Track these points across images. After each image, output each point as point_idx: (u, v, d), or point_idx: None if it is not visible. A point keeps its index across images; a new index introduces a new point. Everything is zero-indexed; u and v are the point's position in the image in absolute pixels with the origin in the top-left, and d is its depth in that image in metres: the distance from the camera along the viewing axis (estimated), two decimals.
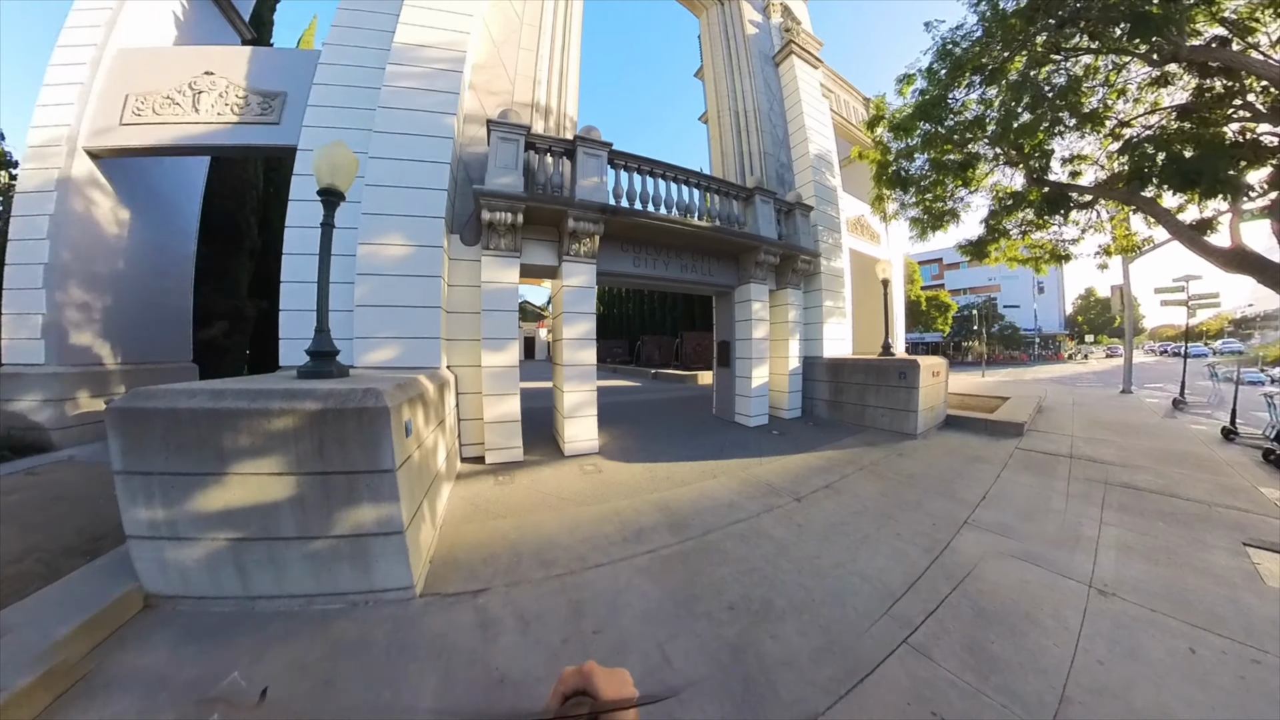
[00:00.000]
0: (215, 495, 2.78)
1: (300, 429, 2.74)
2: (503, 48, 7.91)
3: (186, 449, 2.73)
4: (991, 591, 3.23)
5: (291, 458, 2.76)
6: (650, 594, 3.17)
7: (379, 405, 2.83)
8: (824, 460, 6.55)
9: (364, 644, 2.64)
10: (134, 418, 2.72)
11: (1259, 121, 6.09)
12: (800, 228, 9.96)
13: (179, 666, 2.43)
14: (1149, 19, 5.38)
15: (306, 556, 2.89)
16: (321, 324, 3.63)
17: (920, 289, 44.30)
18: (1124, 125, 7.32)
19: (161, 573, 2.87)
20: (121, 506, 2.84)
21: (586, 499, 4.99)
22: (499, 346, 6.41)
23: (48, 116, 7.41)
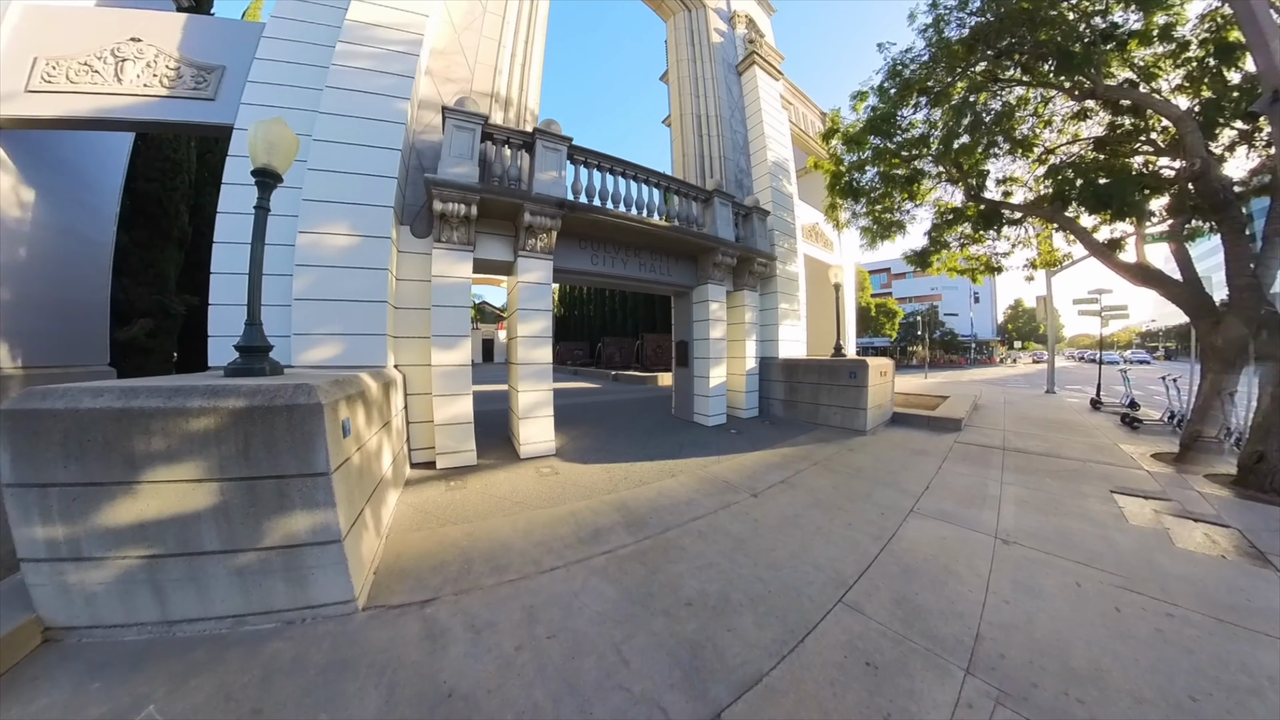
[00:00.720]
0: (126, 508, 2.47)
1: (223, 430, 2.48)
2: (464, 34, 7.63)
3: (91, 456, 2.42)
4: (921, 555, 3.69)
5: (213, 462, 2.50)
6: (606, 594, 3.11)
7: (311, 402, 2.59)
8: (780, 457, 6.72)
9: (299, 665, 2.42)
10: (28, 421, 2.37)
11: (1159, 155, 6.91)
12: (757, 231, 10.18)
13: (82, 706, 2.15)
14: (1072, 57, 6.12)
15: (233, 572, 2.63)
16: (253, 317, 3.32)
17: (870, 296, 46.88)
18: (1050, 152, 8.11)
19: (63, 600, 2.51)
20: (12, 525, 2.46)
21: (542, 502, 4.86)
22: (450, 344, 6.10)
23: None
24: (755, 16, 13.66)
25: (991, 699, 2.21)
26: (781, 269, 11.06)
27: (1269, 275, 5.62)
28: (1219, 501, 5.00)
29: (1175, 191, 6.35)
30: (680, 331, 10.22)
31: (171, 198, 10.59)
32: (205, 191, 11.55)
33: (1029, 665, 2.44)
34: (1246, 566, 3.56)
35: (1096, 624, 2.80)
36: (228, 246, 5.59)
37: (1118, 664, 2.48)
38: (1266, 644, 2.63)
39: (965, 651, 2.53)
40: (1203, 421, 6.07)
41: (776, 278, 10.90)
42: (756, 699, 2.22)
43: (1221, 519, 4.50)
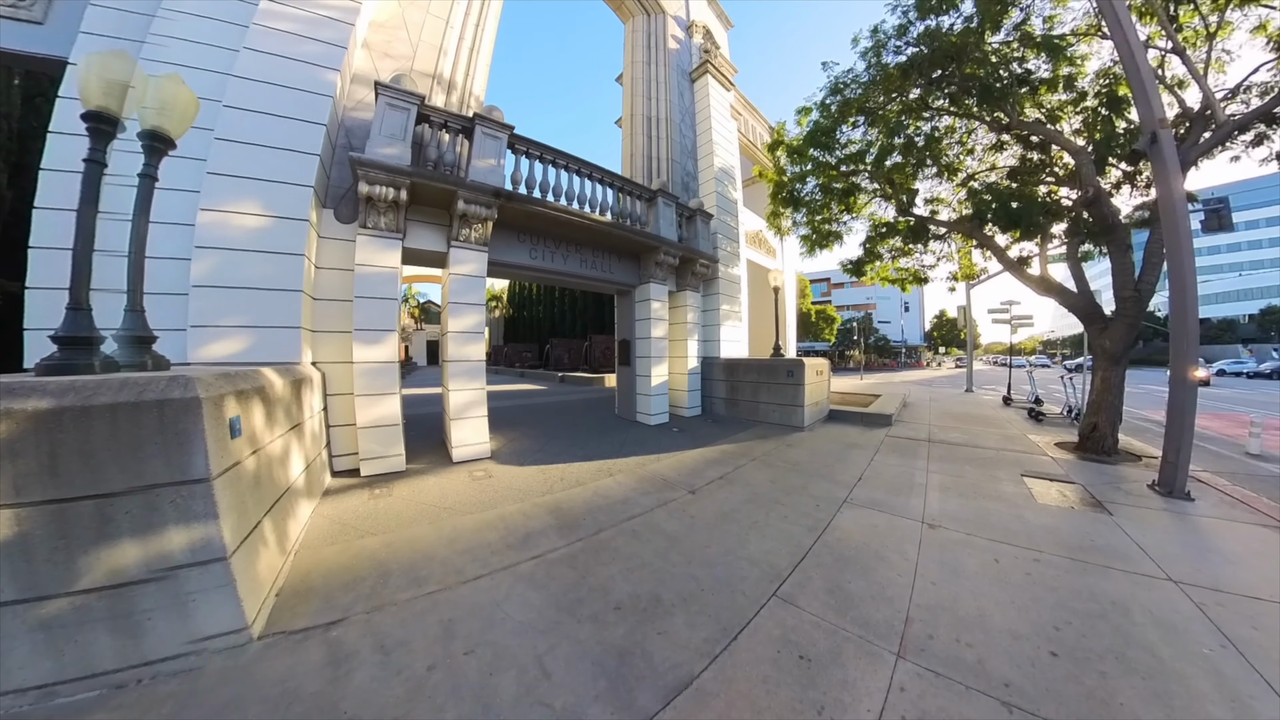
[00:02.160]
0: None
1: (31, 438, 1.94)
2: (409, 9, 7.16)
3: None
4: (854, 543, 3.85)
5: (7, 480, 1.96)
6: (532, 602, 2.95)
7: (188, 396, 2.21)
8: (719, 454, 6.81)
9: (181, 710, 2.07)
10: None
11: (1060, 185, 7.85)
12: (701, 233, 10.31)
13: None
14: (992, 91, 6.84)
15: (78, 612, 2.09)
16: (134, 303, 2.84)
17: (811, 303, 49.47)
18: (971, 177, 8.92)
19: None
20: None
21: (471, 507, 4.60)
22: (375, 339, 5.61)
23: None
24: (713, 28, 13.99)
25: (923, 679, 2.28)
26: (724, 271, 11.28)
27: (1148, 289, 6.54)
28: (1068, 464, 6.37)
29: (1072, 216, 7.21)
30: (623, 330, 10.16)
31: None
32: (23, 145, 8.31)
33: (956, 642, 2.55)
34: (1090, 514, 4.50)
35: (1013, 593, 3.06)
36: (53, 214, 4.48)
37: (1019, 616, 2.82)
38: None
39: (896, 636, 2.59)
40: (1098, 413, 6.76)
41: (719, 279, 11.10)
42: (686, 704, 2.14)
43: (1070, 477, 5.68)
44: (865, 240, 9.93)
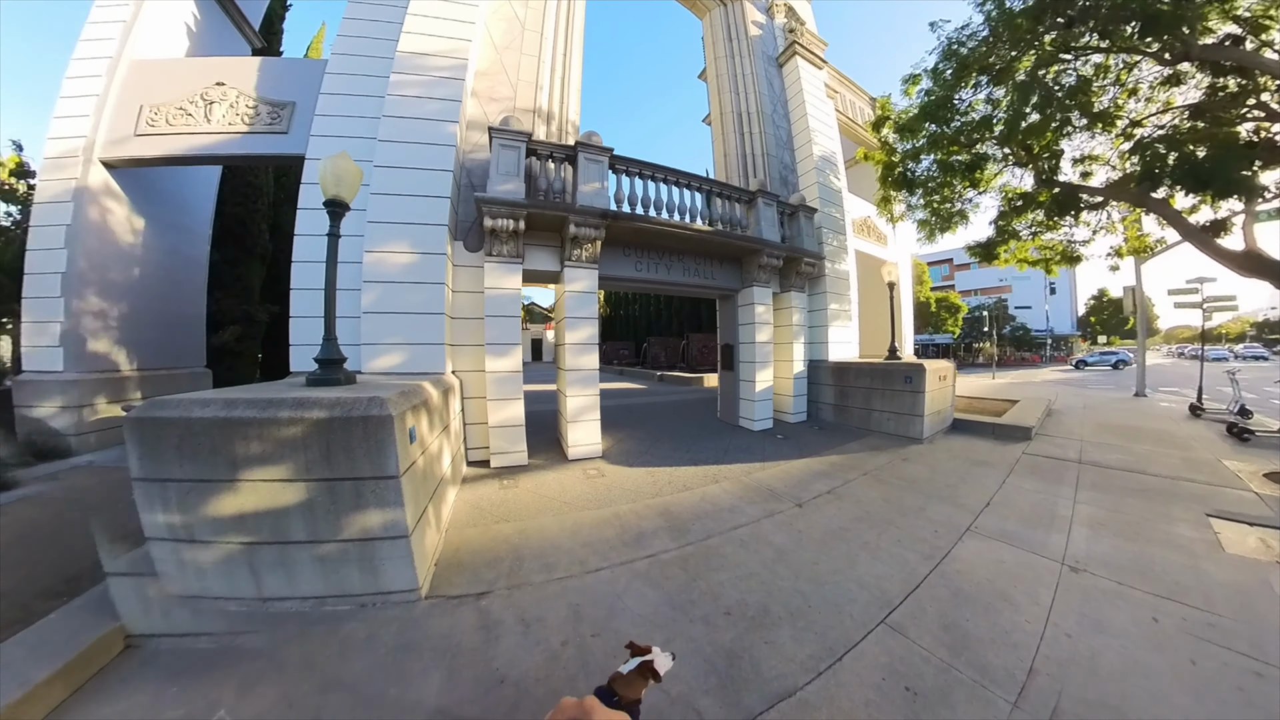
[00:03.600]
0: (229, 501, 2.90)
1: (308, 437, 2.86)
2: (505, 54, 8.02)
3: (201, 457, 2.85)
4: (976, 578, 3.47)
5: (300, 465, 2.87)
6: (648, 598, 3.25)
7: (383, 414, 2.93)
8: (827, 465, 6.59)
9: (372, 644, 2.76)
10: (150, 427, 2.85)
11: (1274, 121, 6.00)
12: (804, 230, 10.00)
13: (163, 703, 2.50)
14: (1159, 17, 5.38)
15: (316, 560, 3.00)
16: (329, 332, 3.76)
17: (930, 290, 43.71)
18: (1135, 125, 7.24)
19: (181, 574, 3.00)
20: (140, 511, 2.98)
21: (589, 503, 5.08)
22: (502, 352, 6.49)
23: (64, 128, 7.58)
24: (794, 3, 13.21)
25: None
26: (831, 268, 10.79)
27: None
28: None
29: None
30: (725, 335, 10.21)
31: (254, 219, 11.93)
32: (282, 211, 12.82)
33: (1086, 705, 2.31)
34: None
35: (1174, 661, 2.59)
36: (305, 265, 6.30)
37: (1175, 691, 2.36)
38: None
39: (1015, 685, 2.42)
40: None
41: (825, 277, 10.65)
42: (790, 709, 2.30)
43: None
44: (996, 218, 8.74)
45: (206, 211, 10.48)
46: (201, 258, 10.34)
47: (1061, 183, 7.77)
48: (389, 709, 2.31)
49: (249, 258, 11.81)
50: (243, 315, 11.37)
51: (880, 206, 11.24)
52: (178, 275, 9.59)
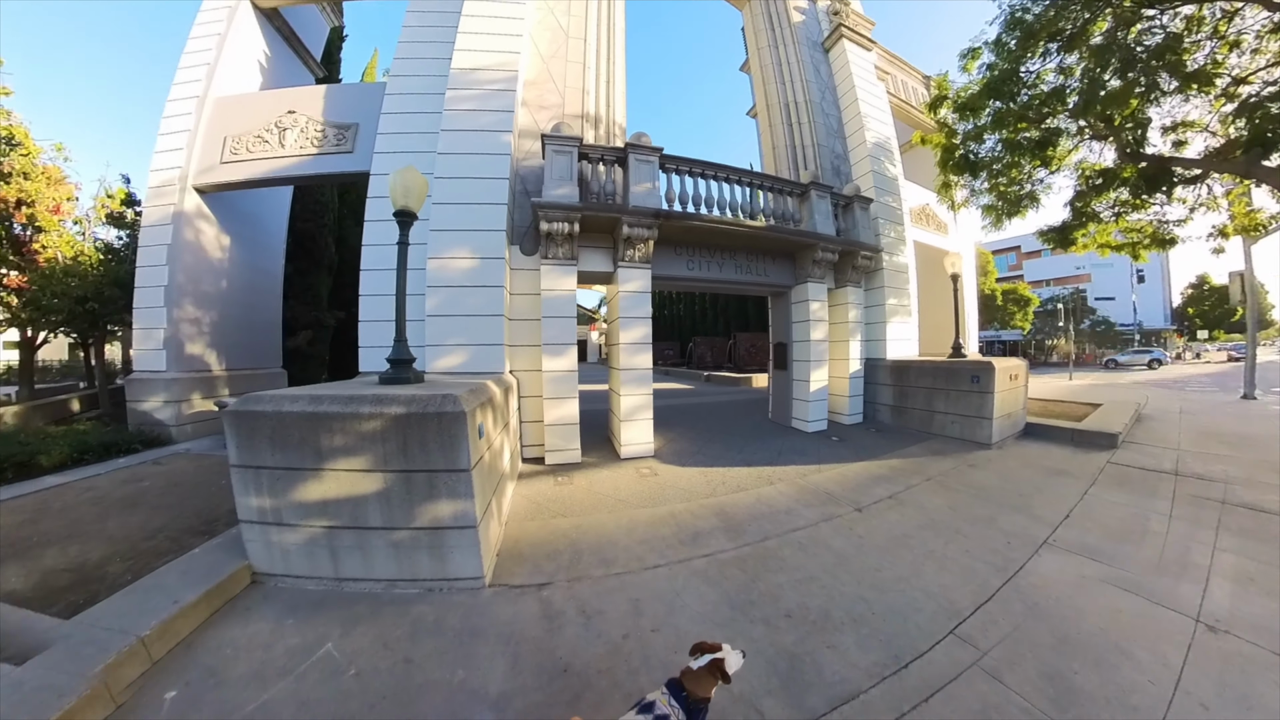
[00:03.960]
0: (314, 488, 3.17)
1: (386, 431, 3.08)
2: (551, 62, 8.26)
3: (290, 447, 3.13)
4: (1075, 618, 3.02)
5: (379, 456, 3.10)
6: (707, 596, 3.27)
7: (456, 410, 3.12)
8: (887, 469, 6.33)
9: (440, 627, 2.91)
10: (247, 419, 3.18)
11: None
12: (859, 222, 9.63)
13: (282, 635, 2.85)
14: None
15: (390, 545, 3.22)
16: (400, 334, 4.03)
17: (995, 281, 40.39)
18: (1239, 83, 6.47)
19: (268, 553, 3.31)
20: (235, 494, 3.31)
21: (643, 501, 5.14)
22: (559, 352, 6.69)
23: (163, 161, 8.61)
24: None
25: None
26: (888, 260, 10.31)
27: None
28: None
29: None
30: (778, 333, 9.99)
31: (322, 233, 12.93)
32: (345, 225, 13.89)
33: None
34: None
35: None
36: (372, 273, 6.79)
37: None
38: None
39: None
40: None
41: (883, 271, 10.19)
42: (852, 712, 2.27)
43: None
44: (1073, 198, 8.07)
45: (281, 228, 11.45)
46: (277, 270, 11.29)
47: (1149, 155, 7.08)
48: (457, 690, 2.43)
49: (318, 268, 12.77)
50: (313, 321, 12.32)
51: (940, 193, 10.65)
52: (257, 285, 10.51)
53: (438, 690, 2.42)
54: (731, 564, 3.72)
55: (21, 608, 2.95)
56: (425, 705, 2.33)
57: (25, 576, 3.44)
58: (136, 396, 8.30)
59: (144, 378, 8.29)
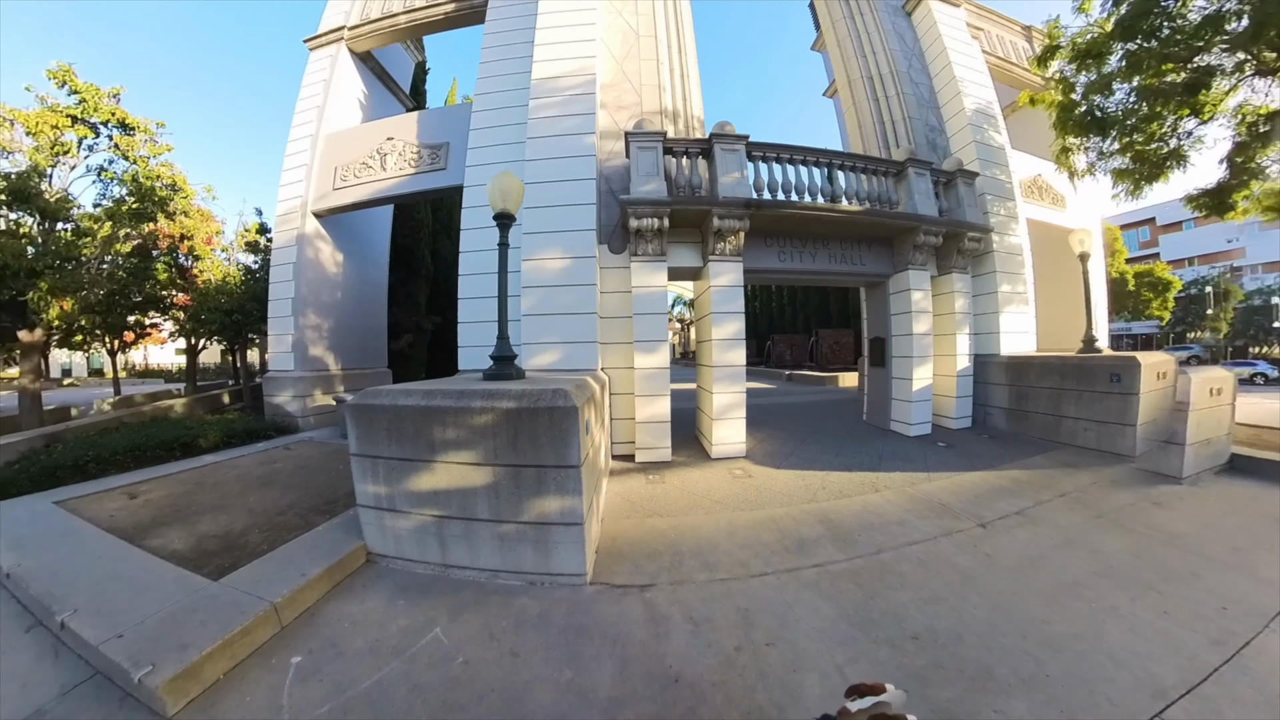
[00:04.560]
0: (425, 478, 3.32)
1: (497, 426, 3.15)
2: (624, 63, 8.32)
3: (405, 439, 3.29)
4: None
5: (489, 450, 3.18)
6: (822, 611, 3.01)
7: (568, 405, 3.13)
8: (1009, 481, 5.56)
9: (544, 621, 2.90)
10: (366, 412, 3.41)
11: None
12: (964, 199, 8.60)
13: (394, 615, 2.99)
14: None
15: (496, 537, 3.30)
16: (502, 331, 4.15)
17: (1125, 262, 34.44)
18: None
19: (381, 536, 3.53)
20: (355, 481, 3.55)
21: (740, 504, 4.93)
22: (651, 349, 6.65)
23: (287, 192, 9.93)
24: None
25: None
26: (1000, 241, 9.15)
27: None
28: None
29: None
30: (875, 327, 9.24)
31: (419, 247, 14.27)
32: (438, 239, 15.23)
33: None
34: None
35: None
36: (469, 278, 7.21)
37: None
38: None
39: None
40: None
41: (993, 253, 9.06)
42: None
43: None
44: (1231, 152, 6.65)
45: (384, 244, 12.67)
46: (382, 280, 12.49)
47: None
48: (565, 690, 2.36)
49: (415, 278, 14.03)
50: (413, 326, 13.55)
51: (1058, 160, 9.14)
52: (366, 295, 11.66)
53: (545, 688, 2.38)
54: (844, 577, 3.42)
55: (181, 567, 3.43)
56: (533, 703, 2.29)
57: (185, 538, 4.01)
58: (271, 392, 9.65)
59: (276, 376, 9.63)
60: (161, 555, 3.66)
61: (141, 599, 2.93)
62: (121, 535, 4.10)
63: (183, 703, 2.31)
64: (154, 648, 2.45)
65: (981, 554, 3.76)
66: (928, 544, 3.95)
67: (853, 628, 2.84)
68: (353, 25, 10.39)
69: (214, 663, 2.46)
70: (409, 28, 10.38)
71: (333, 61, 10.33)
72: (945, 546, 3.91)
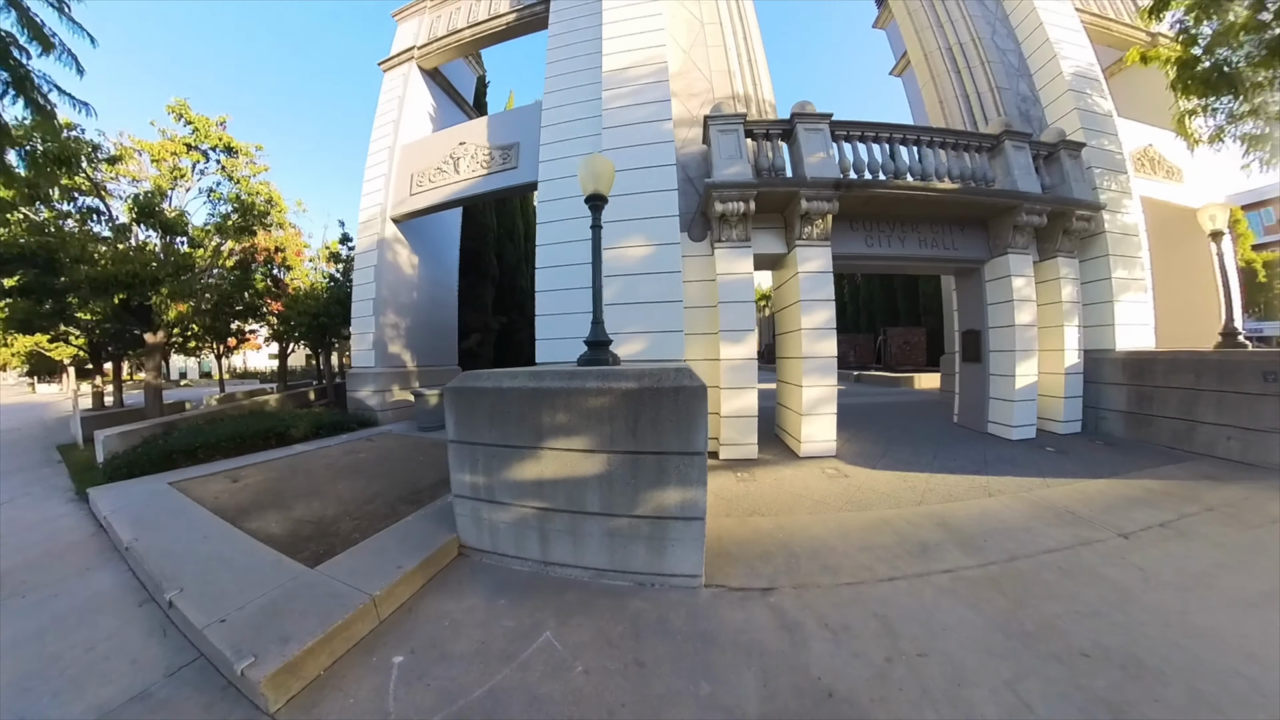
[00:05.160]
0: (530, 467, 3.17)
1: (614, 408, 2.93)
2: (691, 51, 8.22)
3: (509, 424, 3.15)
4: None
5: (604, 436, 2.97)
6: (968, 620, 2.69)
7: (695, 385, 2.88)
8: (1141, 490, 4.88)
9: (664, 627, 2.68)
10: (467, 396, 3.29)
11: None
12: (1069, 173, 7.72)
13: (497, 615, 2.85)
14: None
15: (606, 533, 3.11)
16: (597, 317, 4.01)
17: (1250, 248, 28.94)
18: None
19: (476, 529, 3.40)
20: (451, 469, 3.44)
21: (843, 504, 4.61)
22: (737, 339, 6.42)
23: (368, 201, 10.63)
24: None
25: None
26: (1111, 220, 8.13)
27: None
28: None
29: None
30: (968, 318, 8.50)
31: (485, 250, 14.89)
32: (502, 242, 15.82)
33: None
34: None
35: None
36: (546, 271, 7.23)
37: None
38: None
39: None
40: None
41: (1104, 234, 8.06)
42: None
43: None
44: None
45: (454, 248, 13.26)
46: (453, 282, 13.08)
47: None
48: (708, 707, 2.14)
49: (483, 280, 14.65)
50: (481, 325, 14.15)
51: (1177, 127, 8.09)
52: (438, 297, 12.22)
53: (683, 703, 2.15)
54: (982, 584, 3.08)
55: (279, 551, 3.47)
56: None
57: (281, 522, 4.12)
58: (353, 387, 10.30)
59: (359, 372, 10.27)
60: (259, 538, 3.76)
61: (243, 583, 2.98)
62: (225, 516, 4.33)
63: (284, 699, 2.21)
64: (256, 637, 2.42)
65: (1133, 567, 3.29)
66: (1066, 553, 3.52)
67: (1010, 640, 2.51)
68: (421, 44, 11.06)
69: (315, 658, 2.36)
70: (473, 40, 10.88)
71: (405, 79, 11.05)
72: (1088, 557, 3.46)
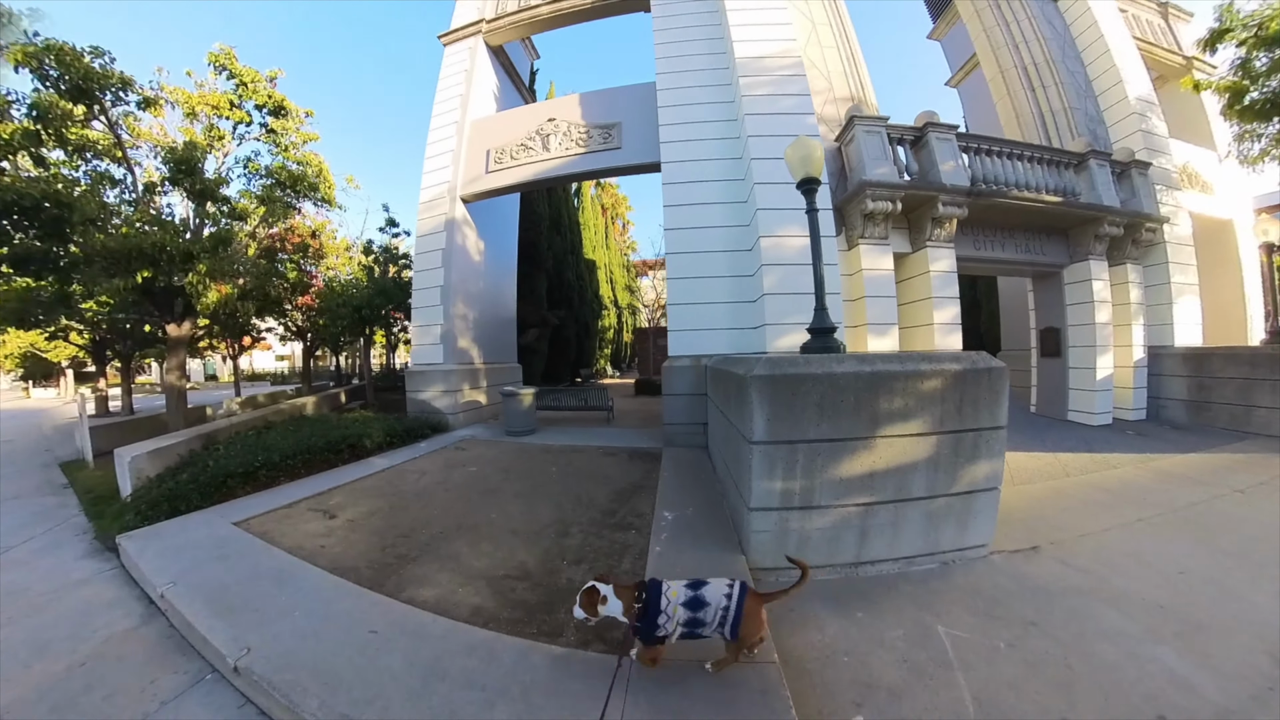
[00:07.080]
0: (861, 460, 3.12)
1: (945, 390, 3.24)
2: (806, 50, 8.71)
3: (843, 414, 3.05)
4: None
5: (934, 418, 3.24)
6: (1190, 548, 3.65)
7: (999, 366, 3.37)
8: (1230, 461, 6.15)
9: (994, 600, 2.94)
10: (785, 385, 3.06)
11: None
12: (1139, 189, 9.18)
13: (881, 630, 2.69)
14: None
15: (924, 516, 3.28)
16: (820, 303, 4.34)
17: None
18: None
19: (777, 544, 3.11)
20: (754, 478, 3.11)
21: (1008, 479, 4.87)
22: (883, 331, 7.19)
23: (432, 179, 10.29)
24: None
25: None
26: (1169, 231, 9.64)
27: None
28: None
29: None
30: (1045, 318, 9.85)
31: (540, 241, 14.82)
32: (549, 233, 15.66)
33: None
34: None
35: None
36: (675, 257, 7.75)
37: None
38: None
39: None
40: None
41: (1164, 244, 9.57)
42: None
43: None
44: None
45: (513, 236, 13.18)
46: (512, 272, 13.00)
47: None
48: (1112, 637, 2.58)
49: (537, 271, 14.64)
50: (539, 320, 14.12)
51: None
52: (500, 287, 12.14)
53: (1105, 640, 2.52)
54: (1173, 525, 4.12)
55: (517, 637, 2.56)
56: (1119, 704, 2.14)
57: (466, 585, 3.13)
58: (416, 387, 9.56)
59: (423, 370, 9.65)
60: (456, 617, 2.73)
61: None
62: (361, 581, 3.15)
63: None
64: None
65: (1261, 509, 4.37)
66: (1207, 504, 4.56)
67: (1228, 557, 3.45)
68: (490, 18, 10.96)
69: None
70: (550, 18, 10.83)
71: (471, 53, 10.88)
72: (1223, 505, 4.52)
